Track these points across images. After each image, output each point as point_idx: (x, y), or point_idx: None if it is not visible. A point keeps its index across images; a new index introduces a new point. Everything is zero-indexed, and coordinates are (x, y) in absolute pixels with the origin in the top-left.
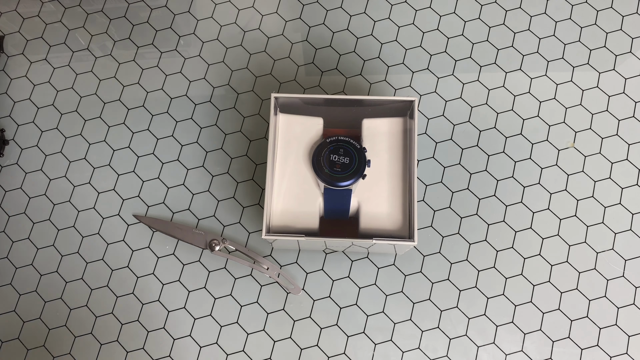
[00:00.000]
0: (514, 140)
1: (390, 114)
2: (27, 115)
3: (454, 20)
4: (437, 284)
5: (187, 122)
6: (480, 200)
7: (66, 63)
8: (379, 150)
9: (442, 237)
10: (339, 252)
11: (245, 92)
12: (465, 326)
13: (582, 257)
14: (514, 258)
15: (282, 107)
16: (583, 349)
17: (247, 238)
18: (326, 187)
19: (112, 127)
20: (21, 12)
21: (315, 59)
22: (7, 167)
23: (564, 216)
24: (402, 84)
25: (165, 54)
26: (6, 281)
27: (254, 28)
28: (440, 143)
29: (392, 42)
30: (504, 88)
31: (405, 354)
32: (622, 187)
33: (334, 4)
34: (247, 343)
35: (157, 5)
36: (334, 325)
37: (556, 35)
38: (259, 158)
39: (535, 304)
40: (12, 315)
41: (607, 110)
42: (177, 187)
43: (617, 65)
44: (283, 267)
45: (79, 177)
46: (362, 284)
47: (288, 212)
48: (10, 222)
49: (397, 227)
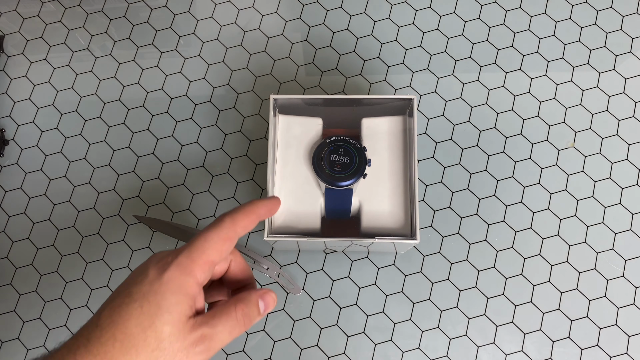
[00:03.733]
0: (514, 140)
1: (390, 113)
2: (27, 115)
3: (454, 20)
4: (437, 284)
5: (187, 122)
6: (480, 200)
7: (66, 63)
8: (379, 150)
9: (442, 237)
10: (339, 252)
11: (245, 92)
12: (465, 326)
13: (582, 257)
14: (514, 258)
15: (281, 107)
16: (583, 349)
17: (247, 238)
18: (327, 187)
19: (112, 127)
20: (21, 12)
21: (315, 59)
22: (7, 167)
23: (564, 216)
24: (402, 84)
25: (165, 54)
26: (6, 281)
27: (254, 28)
28: (440, 143)
29: (392, 42)
30: (504, 88)
31: (405, 354)
32: (622, 187)
33: (334, 4)
34: (247, 343)
35: (157, 5)
36: (334, 325)
37: (556, 35)
38: (259, 158)
39: (535, 304)
40: (12, 315)
41: (607, 110)
42: (177, 187)
43: (617, 65)
44: (283, 267)
45: (79, 177)
46: (362, 284)
47: (289, 213)
48: (10, 222)
49: (399, 225)
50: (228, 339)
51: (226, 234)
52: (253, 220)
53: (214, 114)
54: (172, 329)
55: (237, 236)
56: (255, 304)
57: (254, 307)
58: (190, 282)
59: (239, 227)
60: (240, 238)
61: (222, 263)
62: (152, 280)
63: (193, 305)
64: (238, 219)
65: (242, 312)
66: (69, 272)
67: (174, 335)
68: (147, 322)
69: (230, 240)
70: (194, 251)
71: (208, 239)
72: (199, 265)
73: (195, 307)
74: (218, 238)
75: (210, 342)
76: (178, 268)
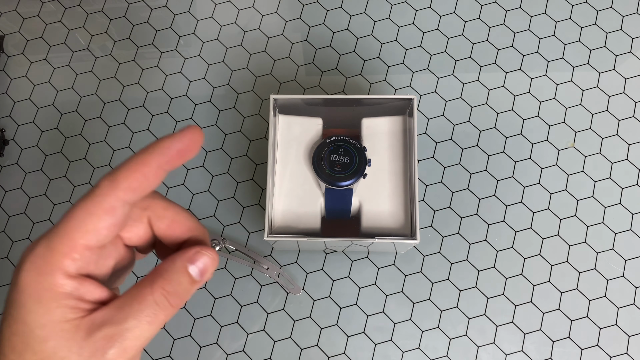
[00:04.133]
0: (514, 140)
1: (390, 112)
2: (27, 115)
3: (454, 20)
4: (437, 284)
5: (187, 122)
6: (480, 200)
7: (66, 63)
8: (379, 149)
9: (442, 237)
10: (339, 252)
11: (245, 92)
12: (465, 326)
13: (582, 257)
14: (514, 258)
15: (281, 107)
16: (583, 349)
17: (247, 238)
18: (327, 187)
19: (112, 127)
20: (21, 12)
21: (315, 59)
22: (7, 167)
23: (564, 216)
24: (402, 84)
25: (165, 54)
26: (6, 281)
27: (254, 28)
28: (440, 143)
29: (392, 42)
30: (504, 88)
31: (405, 354)
32: (622, 187)
33: (334, 4)
34: (247, 343)
35: (157, 5)
36: (334, 325)
37: (556, 35)
38: (259, 158)
39: (535, 304)
40: None
41: (607, 110)
42: (177, 187)
43: (617, 65)
44: (283, 267)
45: (79, 177)
46: (362, 284)
47: (289, 213)
48: (10, 222)
49: (399, 225)
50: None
51: (101, 206)
52: (147, 175)
53: (214, 114)
54: (56, 342)
55: (124, 203)
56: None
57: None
58: (54, 280)
59: (122, 190)
60: (241, 238)
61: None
62: (11, 289)
63: (78, 304)
64: (120, 179)
65: (163, 290)
66: None
67: (64, 349)
68: (21, 345)
69: (110, 213)
70: (55, 238)
71: (74, 217)
72: (64, 255)
73: (86, 304)
74: (88, 214)
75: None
76: (34, 267)
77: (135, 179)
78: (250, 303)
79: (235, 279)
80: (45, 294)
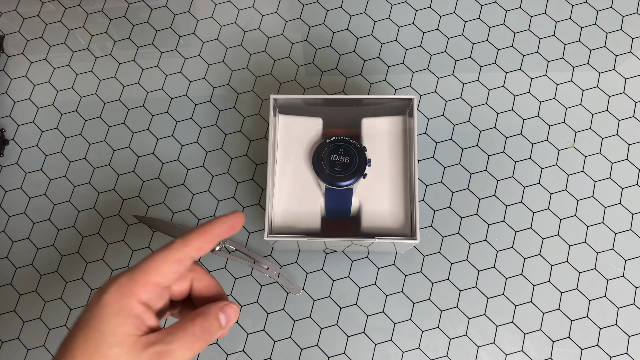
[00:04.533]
0: (514, 140)
1: (390, 112)
2: (27, 115)
3: (454, 20)
4: (437, 284)
5: (187, 122)
6: (480, 200)
7: (66, 63)
8: (379, 149)
9: (442, 237)
10: (339, 252)
11: (245, 92)
12: (465, 326)
13: (582, 257)
14: (514, 258)
15: (281, 107)
16: (583, 349)
17: (247, 238)
18: (327, 187)
19: (112, 127)
20: (21, 12)
21: (315, 59)
22: (7, 167)
23: (564, 216)
24: (402, 84)
25: (165, 54)
26: (6, 281)
27: (254, 28)
28: (440, 143)
29: (392, 42)
30: (504, 88)
31: (405, 354)
32: (622, 187)
33: (334, 4)
34: (247, 343)
35: (157, 5)
36: (334, 325)
37: (556, 35)
38: (259, 158)
39: (535, 304)
40: (12, 315)
41: (607, 110)
42: (177, 187)
43: (617, 65)
44: (283, 267)
45: (79, 177)
46: (362, 284)
47: (289, 213)
48: (10, 222)
49: (399, 225)
50: (188, 355)
51: (174, 256)
52: (208, 240)
53: (214, 114)
54: (120, 350)
55: (189, 258)
56: (215, 317)
57: (214, 321)
58: (131, 303)
59: (190, 248)
60: (241, 238)
61: (181, 283)
62: (92, 305)
63: (141, 325)
64: (190, 240)
65: (200, 326)
66: (69, 272)
67: (124, 356)
68: (92, 349)
69: (179, 262)
70: (137, 272)
71: (154, 260)
72: (142, 285)
73: (145, 326)
74: (164, 260)
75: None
76: (117, 290)
77: (200, 241)
78: (250, 303)
79: (235, 279)
80: (122, 311)
